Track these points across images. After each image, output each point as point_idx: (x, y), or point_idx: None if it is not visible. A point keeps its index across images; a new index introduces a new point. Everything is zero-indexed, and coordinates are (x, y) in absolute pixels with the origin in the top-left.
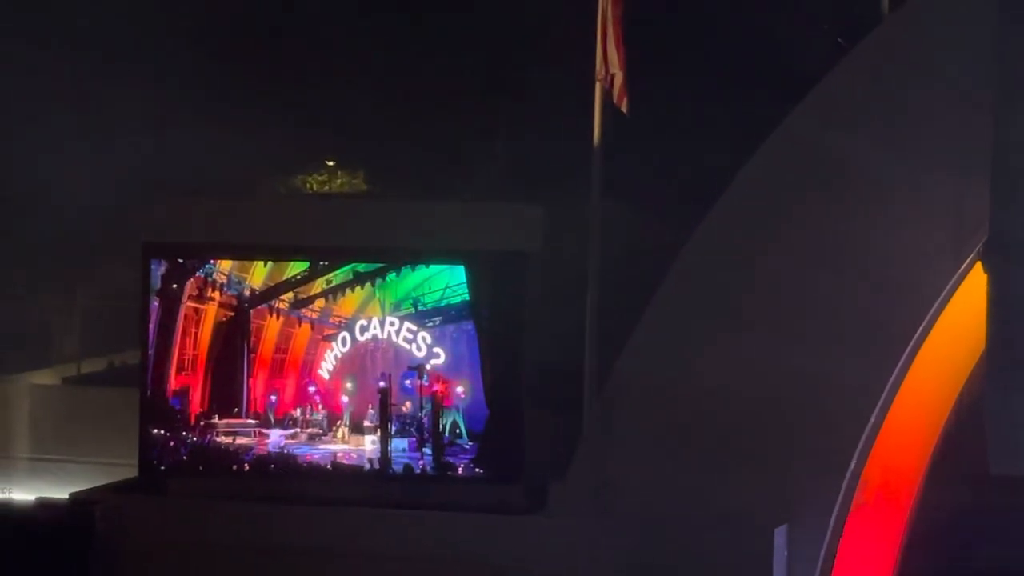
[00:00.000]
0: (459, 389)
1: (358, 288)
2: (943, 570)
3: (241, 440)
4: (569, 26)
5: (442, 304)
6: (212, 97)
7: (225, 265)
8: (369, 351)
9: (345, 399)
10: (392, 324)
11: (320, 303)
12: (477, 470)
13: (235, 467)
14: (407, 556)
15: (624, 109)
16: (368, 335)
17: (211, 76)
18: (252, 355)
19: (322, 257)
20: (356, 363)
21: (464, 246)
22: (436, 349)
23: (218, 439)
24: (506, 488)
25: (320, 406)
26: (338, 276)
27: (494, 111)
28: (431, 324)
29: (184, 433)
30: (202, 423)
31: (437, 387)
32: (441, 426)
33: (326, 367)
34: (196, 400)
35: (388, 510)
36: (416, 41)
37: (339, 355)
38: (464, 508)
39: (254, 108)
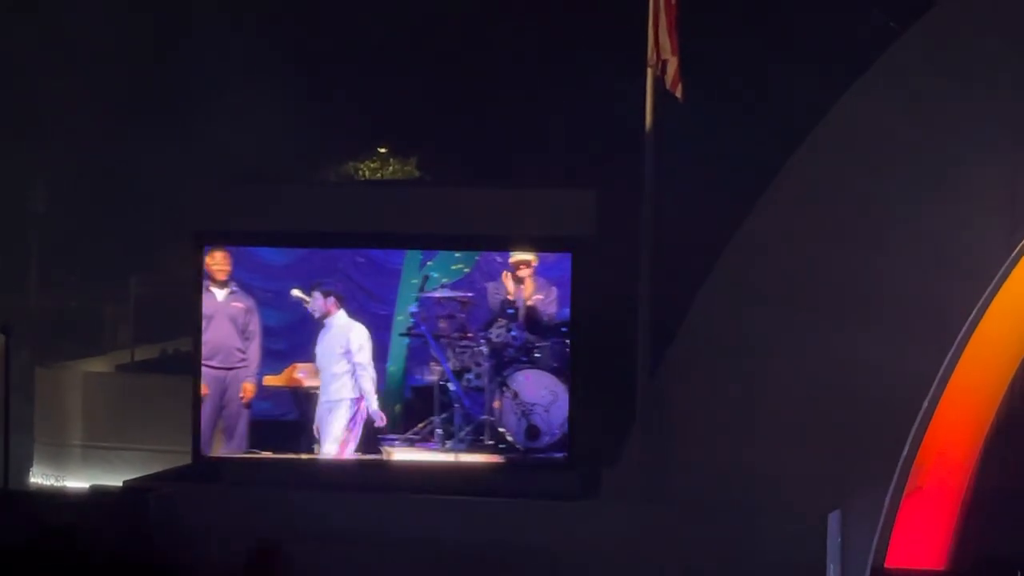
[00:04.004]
0: None
1: None
2: (997, 554)
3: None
4: (621, 12)
5: None
6: (264, 86)
7: None
8: None
9: None
10: None
11: None
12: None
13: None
14: (459, 542)
15: (679, 95)
16: None
17: (262, 66)
18: None
19: (374, 244)
20: None
21: (516, 232)
22: None
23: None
24: (558, 473)
25: None
26: None
27: (545, 98)
28: None
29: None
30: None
31: None
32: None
33: None
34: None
35: (441, 497)
36: (465, 27)
37: None
38: (517, 494)
39: (305, 97)
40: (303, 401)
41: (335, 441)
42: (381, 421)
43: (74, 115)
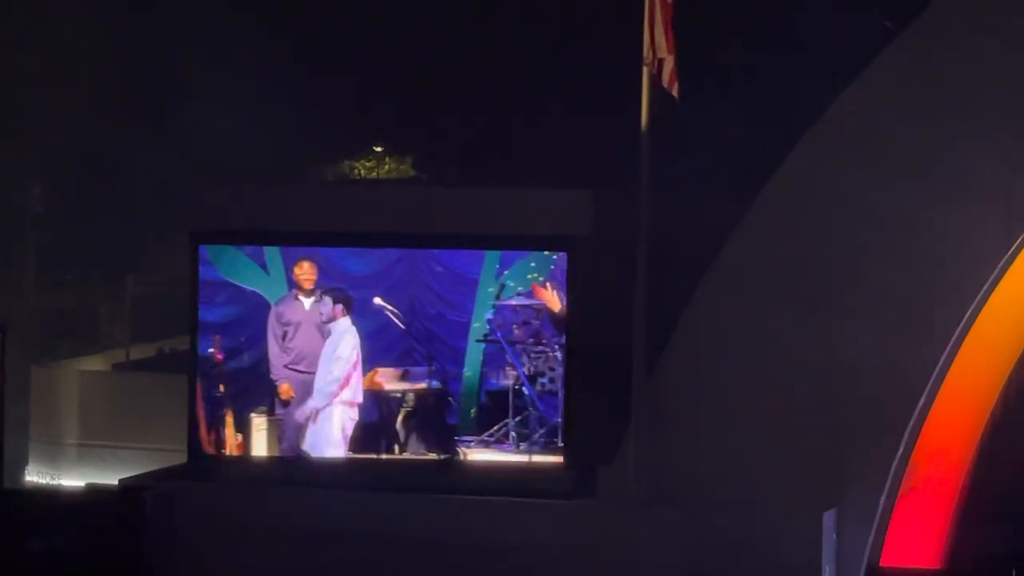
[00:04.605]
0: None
1: None
2: (993, 553)
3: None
4: (617, 10)
5: None
6: (259, 84)
7: None
8: None
9: None
10: None
11: None
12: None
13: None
14: (455, 541)
15: (675, 93)
16: None
17: (256, 64)
18: None
19: (368, 243)
20: None
21: (511, 231)
22: None
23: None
24: (554, 473)
25: None
26: None
27: (541, 97)
28: None
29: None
30: None
31: None
32: None
33: None
34: None
35: (438, 495)
36: (459, 25)
37: None
38: (512, 493)
39: (300, 95)
40: (384, 403)
41: (330, 440)
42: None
43: (69, 113)
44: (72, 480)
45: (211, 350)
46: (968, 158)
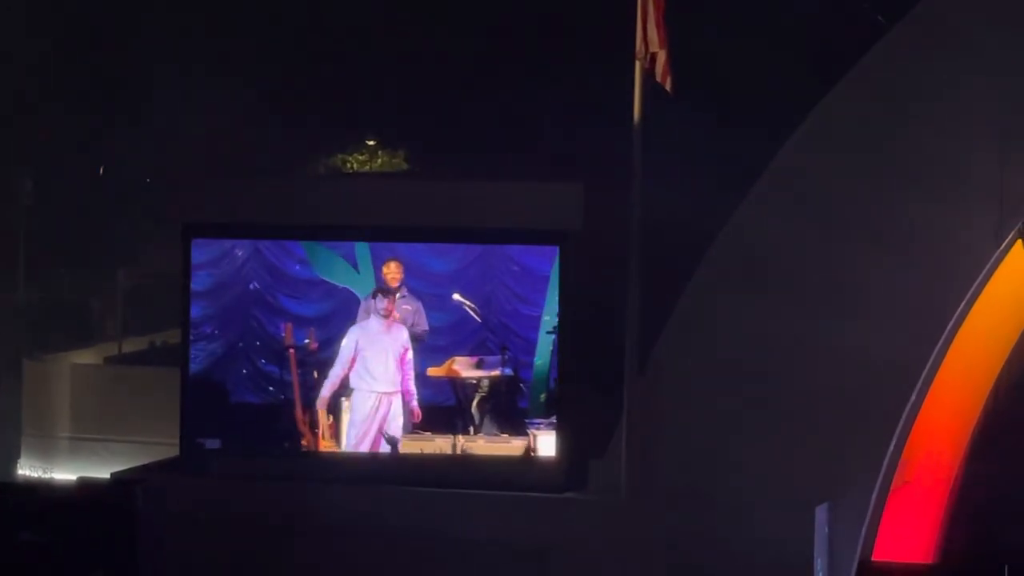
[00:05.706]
0: None
1: None
2: (984, 548)
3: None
4: (610, 5)
5: None
6: (252, 81)
7: None
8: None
9: None
10: None
11: None
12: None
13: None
14: (445, 535)
15: (668, 88)
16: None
17: (250, 59)
18: None
19: (366, 237)
20: None
21: (502, 226)
22: None
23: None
24: (546, 467)
25: None
26: None
27: (533, 91)
28: None
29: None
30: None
31: None
32: None
33: None
34: None
35: (427, 489)
36: (452, 20)
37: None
38: (506, 488)
39: (294, 90)
40: (460, 390)
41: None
42: (416, 417)
43: (62, 108)
44: (64, 473)
45: (306, 340)
46: (959, 155)
